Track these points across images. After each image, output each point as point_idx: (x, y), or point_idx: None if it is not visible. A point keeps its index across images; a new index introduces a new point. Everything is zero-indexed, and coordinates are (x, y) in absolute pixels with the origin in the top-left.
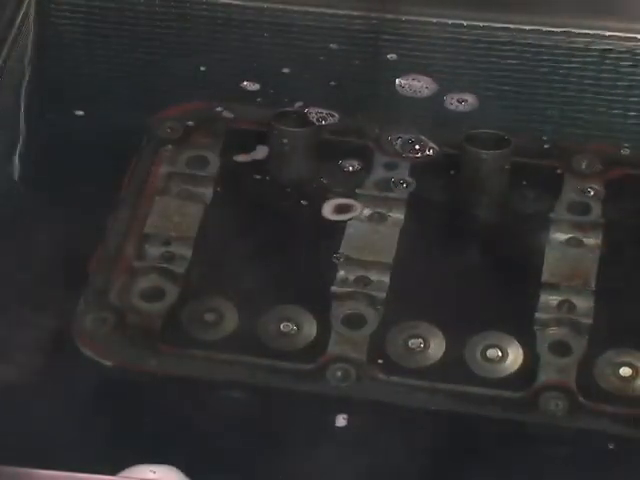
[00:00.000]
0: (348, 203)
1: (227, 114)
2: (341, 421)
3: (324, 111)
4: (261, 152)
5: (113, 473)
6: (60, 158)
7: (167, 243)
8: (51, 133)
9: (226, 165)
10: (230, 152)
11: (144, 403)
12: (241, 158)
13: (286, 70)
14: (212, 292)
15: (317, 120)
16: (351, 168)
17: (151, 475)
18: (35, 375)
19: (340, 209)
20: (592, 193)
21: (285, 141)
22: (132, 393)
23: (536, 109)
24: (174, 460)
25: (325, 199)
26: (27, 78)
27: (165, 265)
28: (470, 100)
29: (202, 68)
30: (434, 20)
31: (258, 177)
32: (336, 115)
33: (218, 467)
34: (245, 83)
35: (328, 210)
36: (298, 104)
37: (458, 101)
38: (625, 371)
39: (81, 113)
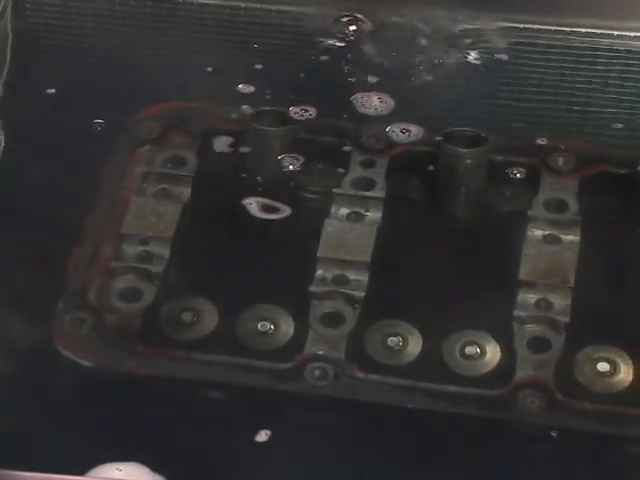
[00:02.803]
0: (274, 204)
1: (204, 113)
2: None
3: (303, 109)
4: (239, 151)
5: (86, 472)
6: (35, 156)
7: (144, 243)
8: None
9: (203, 164)
10: (207, 151)
11: (122, 403)
12: (218, 157)
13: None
14: (190, 292)
15: (296, 118)
16: (328, 167)
17: (117, 473)
18: (14, 376)
19: (267, 208)
20: (568, 190)
21: (262, 140)
22: (110, 393)
23: (509, 106)
24: (152, 460)
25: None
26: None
27: (143, 265)
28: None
29: (176, 67)
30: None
31: (236, 176)
32: (314, 114)
33: (194, 466)
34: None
35: (255, 208)
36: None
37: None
38: (603, 367)
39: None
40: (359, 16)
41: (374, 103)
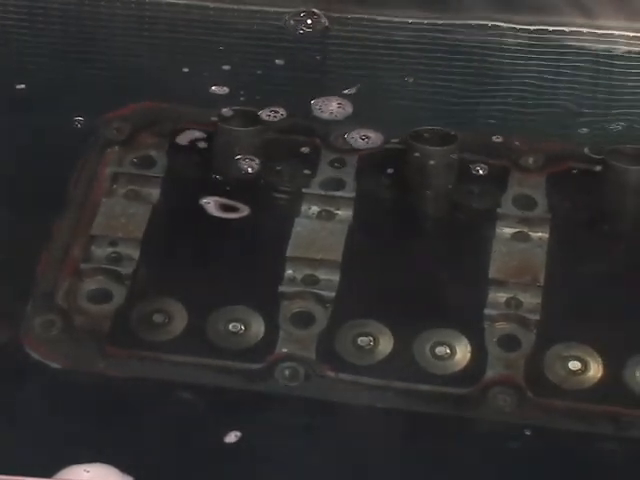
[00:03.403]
0: (237, 205)
1: (173, 114)
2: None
3: (272, 109)
4: (208, 151)
5: (54, 474)
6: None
7: (114, 244)
8: None
9: (173, 165)
10: (177, 152)
11: (91, 405)
12: (188, 157)
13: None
14: (160, 293)
15: (267, 118)
16: (298, 166)
17: (85, 475)
18: None
19: (225, 208)
20: (537, 187)
21: (232, 140)
22: (80, 395)
23: (478, 104)
24: (121, 461)
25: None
26: None
27: (112, 266)
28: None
29: (144, 67)
30: (379, 18)
31: (205, 176)
32: (284, 114)
33: (162, 467)
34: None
35: (213, 207)
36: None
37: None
38: (574, 365)
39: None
40: (324, 16)
41: (331, 108)
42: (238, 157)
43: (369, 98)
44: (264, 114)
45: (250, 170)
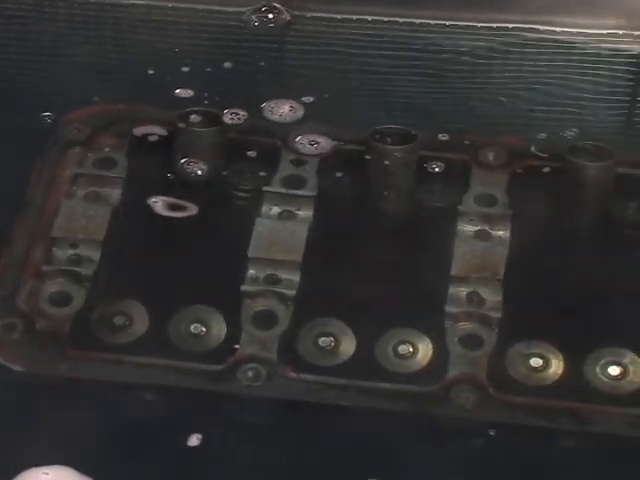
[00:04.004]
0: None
1: (133, 114)
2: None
3: (233, 110)
4: (168, 151)
5: (12, 477)
6: None
7: (75, 246)
8: None
9: (133, 166)
10: (137, 153)
11: (53, 407)
12: (148, 158)
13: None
14: (121, 294)
15: (229, 119)
16: (259, 166)
17: (44, 477)
18: None
19: (173, 207)
20: (498, 185)
21: (191, 140)
22: (42, 397)
23: (439, 103)
24: (80, 463)
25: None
26: None
27: (73, 268)
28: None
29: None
30: (338, 17)
31: (165, 177)
32: (245, 114)
33: (122, 469)
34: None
35: (160, 207)
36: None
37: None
38: (535, 362)
39: None
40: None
41: (282, 110)
42: (198, 157)
43: (329, 97)
44: (229, 119)
45: (210, 170)
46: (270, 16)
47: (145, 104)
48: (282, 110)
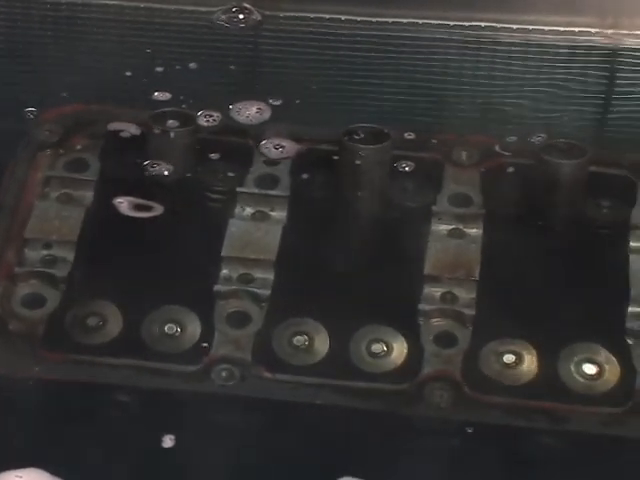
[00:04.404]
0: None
1: (106, 115)
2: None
3: (208, 112)
4: (141, 152)
5: None
6: None
7: (48, 247)
8: None
9: (106, 167)
10: (110, 154)
11: (27, 409)
12: (121, 159)
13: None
14: (95, 296)
15: (204, 121)
16: (232, 166)
17: None
18: None
19: (138, 207)
20: (471, 183)
21: (164, 141)
22: (15, 399)
23: (408, 101)
24: (55, 465)
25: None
26: None
27: (47, 270)
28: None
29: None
30: (311, 16)
31: (139, 177)
32: (219, 115)
33: (95, 471)
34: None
35: (125, 207)
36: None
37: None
38: (509, 359)
39: None
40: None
41: (249, 112)
42: (172, 158)
43: (302, 97)
44: (205, 121)
45: (182, 171)
46: (241, 16)
47: (118, 105)
48: (249, 112)
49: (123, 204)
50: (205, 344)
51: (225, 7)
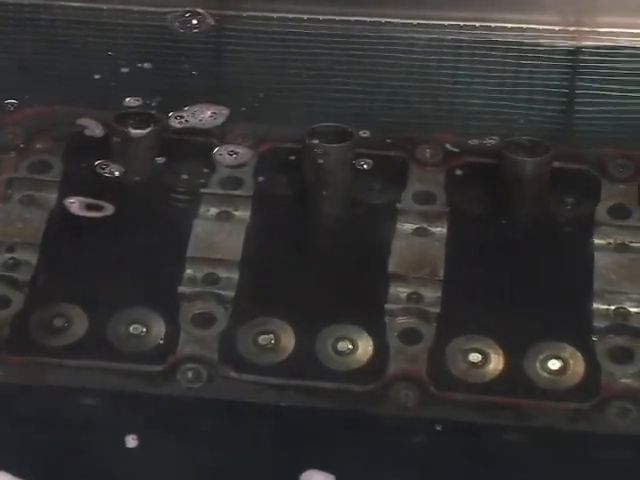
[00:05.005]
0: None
1: (68, 117)
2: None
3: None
4: (105, 154)
5: None
6: None
7: (11, 250)
8: None
9: (69, 169)
10: (73, 156)
11: None
12: (85, 160)
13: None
14: (59, 298)
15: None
16: (196, 167)
17: None
18: None
19: (89, 207)
20: (436, 182)
21: (128, 142)
22: None
23: (372, 100)
24: (20, 469)
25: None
26: None
27: (10, 273)
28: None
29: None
30: (274, 15)
31: (102, 179)
32: (185, 115)
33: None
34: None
35: (76, 207)
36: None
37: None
38: (474, 357)
39: None
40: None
41: (203, 115)
42: (136, 159)
43: (265, 96)
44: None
45: (147, 172)
46: (194, 22)
47: (81, 106)
48: (203, 115)
49: (74, 204)
50: (161, 340)
51: (177, 13)
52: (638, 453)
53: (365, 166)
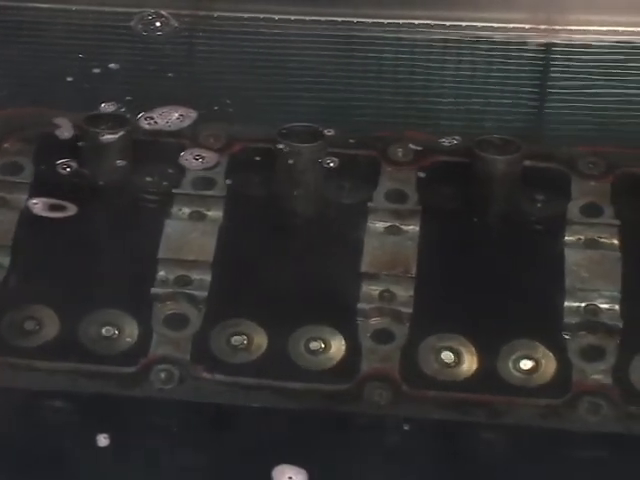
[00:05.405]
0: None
1: (39, 119)
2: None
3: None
4: (76, 155)
5: None
6: None
7: None
8: None
9: (41, 171)
10: (44, 157)
11: None
12: (56, 162)
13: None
14: (31, 299)
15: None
16: (168, 168)
17: None
18: None
19: (53, 208)
20: (407, 181)
21: (98, 143)
22: None
23: (343, 99)
24: None
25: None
26: None
27: None
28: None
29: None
30: (245, 16)
31: (74, 181)
32: (154, 117)
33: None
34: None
35: (40, 208)
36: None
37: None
38: (447, 356)
39: None
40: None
41: (170, 117)
42: (107, 160)
43: (237, 96)
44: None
45: (118, 173)
46: (157, 24)
47: (51, 107)
48: (170, 117)
49: (37, 205)
50: (129, 338)
51: (141, 15)
52: (608, 450)
53: (332, 164)
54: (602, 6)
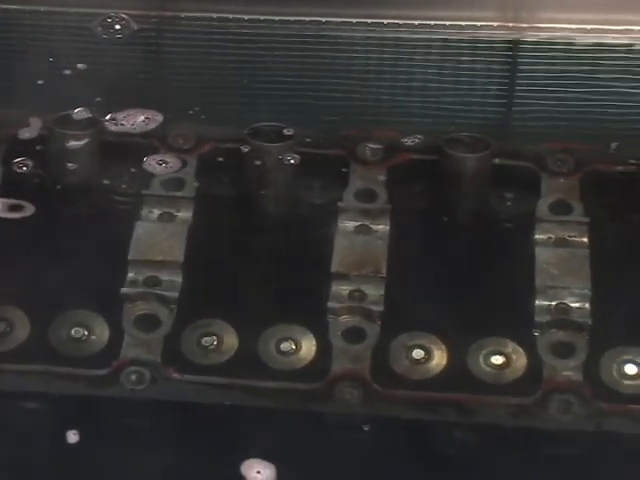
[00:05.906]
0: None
1: (7, 120)
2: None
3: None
4: (44, 156)
5: None
6: None
7: None
8: None
9: (8, 173)
10: (13, 159)
11: None
12: (24, 163)
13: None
14: (1, 302)
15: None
16: (138, 169)
17: None
18: None
19: (12, 208)
20: (377, 180)
21: (67, 145)
22: None
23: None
24: None
25: None
26: None
27: None
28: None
29: None
30: (214, 16)
31: (42, 182)
32: (120, 119)
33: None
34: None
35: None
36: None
37: None
38: (418, 354)
39: None
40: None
41: (135, 120)
42: (76, 161)
43: (206, 96)
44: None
45: (87, 174)
46: (117, 27)
47: (19, 109)
48: (135, 120)
49: (1, 206)
50: (100, 339)
51: (100, 18)
52: (579, 448)
53: (292, 161)
54: (570, 4)
